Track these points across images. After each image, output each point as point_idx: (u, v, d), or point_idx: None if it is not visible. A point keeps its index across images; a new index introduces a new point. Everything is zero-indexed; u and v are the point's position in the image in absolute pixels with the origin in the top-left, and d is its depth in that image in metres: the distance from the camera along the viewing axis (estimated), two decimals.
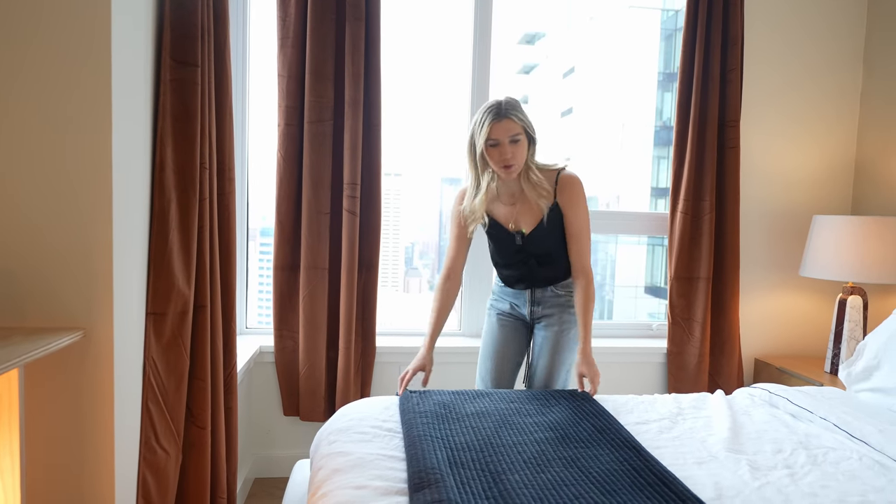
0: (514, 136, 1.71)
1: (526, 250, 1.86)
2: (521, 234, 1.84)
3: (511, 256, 1.89)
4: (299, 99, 2.31)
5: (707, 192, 2.52)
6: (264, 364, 2.46)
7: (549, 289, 1.92)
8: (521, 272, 1.90)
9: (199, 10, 1.58)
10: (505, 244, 1.89)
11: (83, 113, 1.35)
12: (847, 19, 2.67)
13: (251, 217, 2.61)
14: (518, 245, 1.86)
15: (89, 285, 1.38)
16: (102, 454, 1.41)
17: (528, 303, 1.95)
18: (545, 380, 1.94)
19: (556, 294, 1.92)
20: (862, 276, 2.27)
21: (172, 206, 1.56)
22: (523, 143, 1.73)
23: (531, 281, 1.91)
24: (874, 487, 1.33)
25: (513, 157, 1.72)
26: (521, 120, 1.72)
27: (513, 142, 1.71)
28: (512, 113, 1.70)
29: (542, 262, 1.88)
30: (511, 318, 2.00)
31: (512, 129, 1.70)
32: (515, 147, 1.72)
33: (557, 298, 1.92)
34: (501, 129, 1.69)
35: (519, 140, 1.72)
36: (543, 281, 1.91)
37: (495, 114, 1.69)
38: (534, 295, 1.94)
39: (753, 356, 2.72)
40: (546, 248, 1.86)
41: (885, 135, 2.57)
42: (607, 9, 2.89)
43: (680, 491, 1.24)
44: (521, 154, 1.74)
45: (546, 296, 1.93)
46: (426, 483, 1.24)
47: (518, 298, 1.97)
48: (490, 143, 1.72)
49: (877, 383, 1.88)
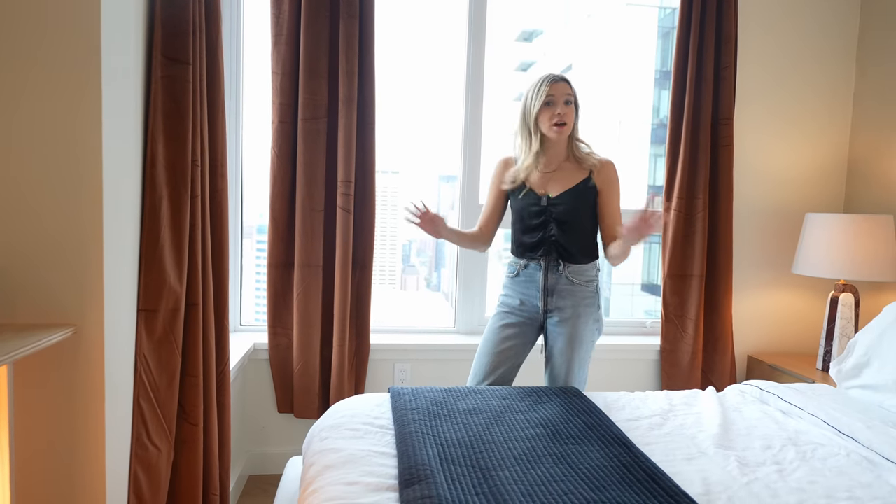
0: (568, 97, 1.88)
1: (549, 211, 1.92)
2: (548, 196, 1.92)
3: (533, 217, 1.94)
4: (293, 96, 2.31)
5: (700, 189, 2.52)
6: (258, 361, 2.47)
7: (564, 274, 1.91)
8: (541, 236, 1.93)
9: (190, 6, 1.58)
10: (530, 205, 1.94)
11: (73, 109, 1.35)
12: (840, 19, 2.68)
13: (246, 214, 2.61)
14: (543, 206, 1.92)
15: (80, 282, 1.38)
16: (93, 451, 1.41)
17: (541, 291, 1.93)
18: (564, 376, 1.92)
19: (570, 282, 1.92)
20: (853, 273, 2.29)
21: (164, 202, 1.56)
22: (573, 108, 1.90)
23: (547, 248, 1.92)
24: (861, 483, 1.34)
25: (565, 115, 1.87)
26: (573, 88, 1.91)
27: (566, 103, 1.87)
28: (567, 79, 1.90)
29: (562, 228, 1.91)
30: (520, 317, 1.97)
31: (566, 90, 1.88)
32: (568, 108, 1.87)
33: (571, 287, 1.92)
34: (558, 89, 1.86)
35: (571, 102, 1.89)
36: (559, 253, 1.92)
37: (552, 77, 1.88)
38: (547, 280, 1.92)
39: (746, 353, 2.73)
40: (568, 214, 1.91)
41: (877, 134, 2.58)
42: (605, 6, 2.89)
43: (668, 487, 1.25)
44: (572, 116, 1.90)
45: (560, 284, 1.92)
46: (416, 479, 1.25)
47: (529, 287, 1.96)
48: (546, 102, 1.86)
49: (866, 380, 1.89)
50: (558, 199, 1.91)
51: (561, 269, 1.92)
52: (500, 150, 2.72)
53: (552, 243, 1.92)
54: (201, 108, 1.69)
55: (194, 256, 1.68)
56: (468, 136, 2.61)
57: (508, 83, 2.96)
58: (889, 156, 2.52)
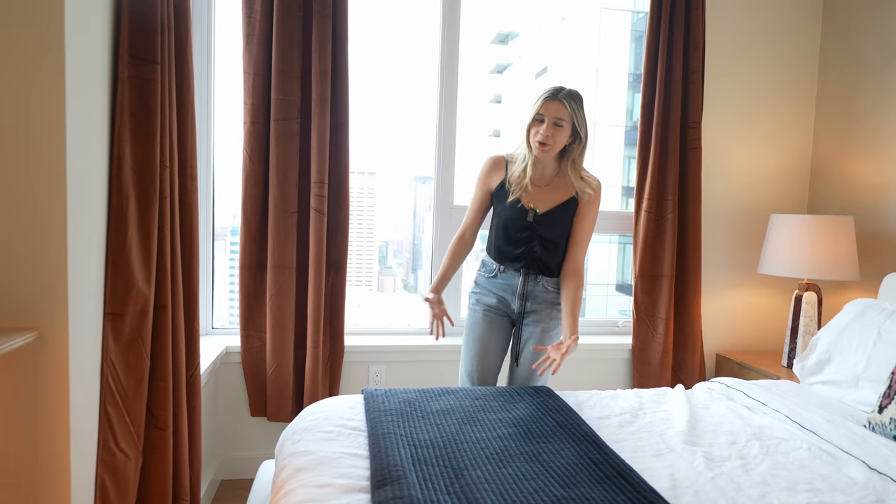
0: (559, 119, 1.80)
1: (534, 228, 1.90)
2: (535, 212, 1.89)
3: (519, 231, 1.92)
4: (265, 97, 2.29)
5: (670, 191, 2.58)
6: (231, 365, 2.44)
7: (541, 282, 1.94)
8: (523, 250, 1.92)
9: (158, 5, 1.56)
10: (517, 218, 1.91)
11: (36, 108, 1.32)
12: (803, 25, 2.76)
13: (219, 216, 2.57)
14: (528, 222, 1.90)
15: (43, 285, 1.35)
16: (57, 458, 1.38)
17: (518, 297, 1.95)
18: (527, 375, 1.96)
19: (546, 290, 1.94)
20: (816, 272, 2.36)
21: (131, 204, 1.53)
22: (565, 131, 1.83)
23: (528, 262, 1.93)
24: (821, 475, 1.38)
25: (549, 137, 1.81)
26: (573, 111, 1.81)
27: (556, 125, 1.81)
28: (566, 99, 1.81)
29: (546, 247, 1.92)
30: (497, 314, 2.00)
31: (559, 112, 1.80)
32: (556, 130, 1.81)
33: (546, 294, 1.95)
34: (550, 109, 1.80)
35: (562, 126, 1.81)
36: (538, 267, 1.93)
37: (552, 94, 1.82)
38: (525, 286, 1.94)
39: (715, 351, 2.79)
40: (553, 233, 1.91)
41: (838, 136, 2.67)
42: (579, 10, 2.93)
43: (636, 483, 1.27)
44: (560, 139, 1.83)
45: (536, 290, 1.94)
46: (388, 480, 1.25)
47: (506, 291, 1.97)
48: (537, 118, 1.82)
49: (827, 376, 1.95)
50: (544, 218, 1.90)
51: (538, 278, 1.95)
52: (475, 152, 2.75)
53: (534, 259, 1.93)
54: (170, 108, 1.66)
55: (163, 258, 1.65)
56: (442, 138, 2.62)
57: (484, 85, 2.98)
58: (850, 158, 2.60)
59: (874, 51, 2.49)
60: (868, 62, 2.51)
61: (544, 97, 1.82)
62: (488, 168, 1.99)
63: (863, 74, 2.54)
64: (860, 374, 1.84)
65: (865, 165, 2.52)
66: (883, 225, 2.42)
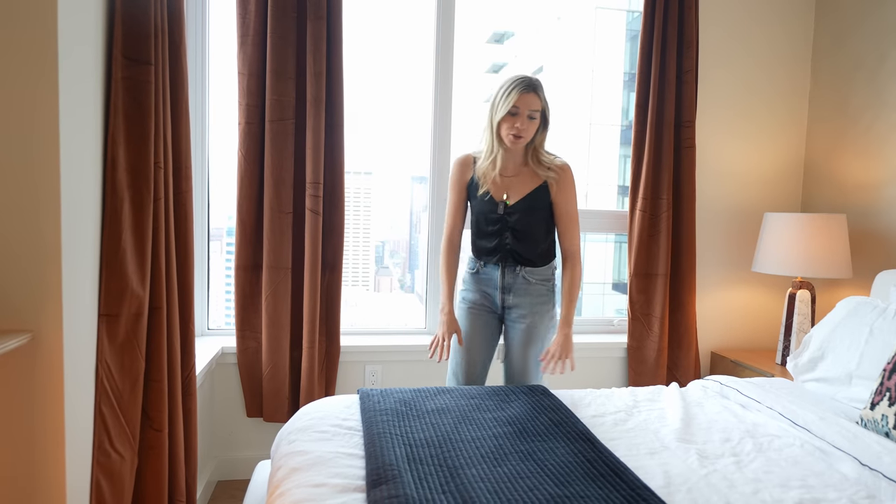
0: (533, 112, 1.81)
1: (505, 220, 1.92)
2: (505, 203, 1.90)
3: (491, 224, 1.94)
4: (260, 97, 2.29)
5: (664, 190, 2.59)
6: (227, 365, 2.44)
7: (520, 274, 1.95)
8: (496, 243, 1.94)
9: (151, 6, 1.56)
10: (488, 211, 1.94)
11: (29, 110, 1.32)
12: (795, 25, 2.77)
13: (215, 217, 2.57)
14: (499, 214, 1.91)
15: (37, 286, 1.34)
16: (52, 459, 1.38)
17: (500, 290, 1.97)
18: (519, 375, 1.97)
19: (527, 281, 1.95)
20: (810, 270, 2.37)
21: (125, 205, 1.53)
22: (537, 122, 1.84)
23: (503, 254, 1.95)
24: (814, 472, 1.39)
25: (524, 130, 1.81)
26: (543, 101, 1.84)
27: (530, 117, 1.81)
28: (539, 90, 1.82)
29: (517, 237, 1.93)
30: (482, 310, 2.01)
31: (534, 104, 1.81)
32: (530, 123, 1.82)
33: (528, 286, 1.95)
34: (526, 101, 1.79)
35: (535, 118, 1.82)
36: (515, 259, 1.95)
37: (526, 85, 1.79)
38: (504, 279, 1.96)
39: (710, 349, 2.81)
40: (525, 223, 1.92)
41: (831, 135, 2.68)
42: (574, 9, 2.94)
43: (630, 480, 1.28)
44: (532, 130, 1.84)
45: (517, 282, 1.95)
46: (383, 479, 1.26)
47: (488, 285, 1.99)
48: (511, 111, 1.80)
49: (821, 373, 1.96)
50: (514, 208, 1.91)
51: (518, 269, 1.96)
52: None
53: (508, 250, 1.95)
54: (164, 109, 1.66)
55: (158, 260, 1.65)
56: (437, 138, 2.62)
57: (480, 84, 2.98)
58: (842, 157, 2.62)
59: (866, 49, 2.50)
60: (860, 60, 2.53)
61: (518, 90, 1.77)
62: (458, 168, 2.00)
63: (855, 72, 2.55)
64: (853, 372, 1.85)
65: (858, 164, 2.53)
66: (875, 223, 2.44)
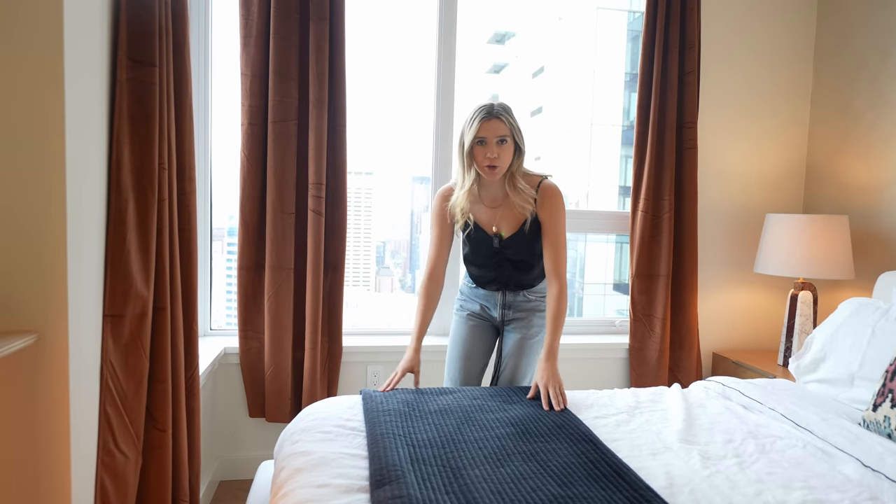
0: (502, 137, 1.74)
1: (503, 253, 1.88)
2: (500, 237, 1.86)
3: (488, 258, 1.90)
4: (263, 98, 2.29)
5: (666, 191, 2.59)
6: (229, 366, 2.44)
7: (521, 293, 1.96)
8: (495, 274, 1.93)
9: (156, 7, 1.56)
10: (483, 246, 1.89)
11: (35, 112, 1.33)
12: (797, 25, 2.77)
13: (217, 217, 2.58)
14: (496, 248, 1.88)
15: (43, 287, 1.35)
16: (57, 459, 1.39)
17: (500, 306, 1.97)
18: (511, 377, 1.98)
19: (528, 299, 1.96)
20: (812, 272, 2.37)
21: (130, 206, 1.54)
22: (509, 147, 1.76)
23: (504, 283, 1.94)
24: (816, 473, 1.40)
25: (497, 159, 1.74)
26: (511, 124, 1.76)
27: (500, 143, 1.74)
28: (503, 115, 1.75)
29: (517, 267, 1.90)
30: (480, 319, 2.02)
31: (500, 130, 1.74)
32: (501, 149, 1.75)
33: (528, 303, 1.96)
34: (490, 128, 1.73)
35: (506, 142, 1.75)
36: (516, 285, 1.95)
37: (486, 112, 1.73)
38: (505, 298, 1.96)
39: (711, 350, 2.81)
40: (523, 253, 1.88)
41: (833, 136, 2.68)
42: (576, 10, 2.94)
43: (633, 481, 1.28)
44: (507, 157, 1.76)
45: (518, 300, 1.96)
46: (387, 480, 1.26)
47: (489, 301, 1.99)
48: (478, 141, 1.75)
49: (823, 375, 1.96)
50: (510, 242, 1.86)
51: (518, 292, 1.97)
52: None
53: (508, 279, 1.93)
54: (168, 110, 1.67)
55: (162, 260, 1.66)
56: (439, 138, 2.63)
57: (481, 85, 2.98)
58: (844, 158, 2.62)
59: (870, 49, 2.50)
60: (863, 60, 2.53)
61: (480, 118, 1.72)
62: (441, 201, 1.91)
63: (858, 73, 2.55)
64: (855, 373, 1.85)
65: (860, 165, 2.53)
66: (877, 224, 2.44)
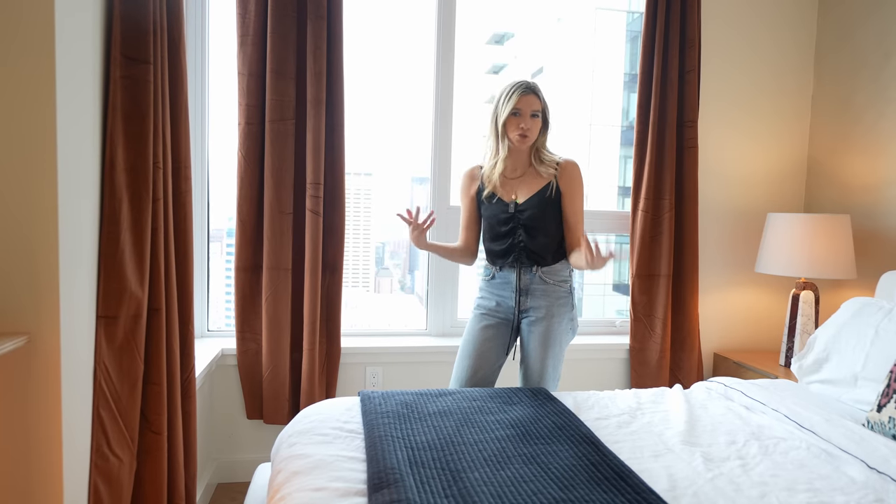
0: (535, 111, 1.91)
1: (517, 218, 1.94)
2: (515, 202, 1.95)
3: (502, 224, 1.96)
4: (260, 97, 2.28)
5: (667, 191, 2.57)
6: (226, 367, 2.42)
7: (537, 274, 1.94)
8: (509, 243, 1.96)
9: (150, 4, 1.55)
10: (499, 212, 1.97)
11: (26, 109, 1.31)
12: (798, 25, 2.76)
13: (216, 218, 2.56)
14: (511, 213, 1.95)
15: (34, 288, 1.33)
16: (49, 463, 1.36)
17: (516, 292, 1.96)
18: (538, 376, 1.94)
19: (544, 281, 1.95)
20: (813, 271, 2.35)
21: (124, 206, 1.52)
22: (539, 121, 1.94)
23: (517, 254, 1.95)
24: (820, 475, 1.38)
25: (529, 129, 1.90)
26: (543, 102, 1.95)
27: (533, 116, 1.90)
28: (539, 92, 1.93)
29: (530, 234, 1.94)
30: (496, 318, 2.00)
31: (534, 104, 1.91)
32: (533, 122, 1.91)
33: (545, 286, 1.95)
34: (527, 102, 1.89)
35: (537, 117, 1.92)
36: (530, 257, 1.94)
37: (525, 88, 1.90)
38: (520, 281, 1.95)
39: (712, 351, 2.79)
40: (536, 220, 1.93)
41: (834, 135, 2.67)
42: (575, 10, 2.93)
43: (635, 484, 1.26)
44: (536, 129, 1.94)
45: (533, 283, 1.95)
46: (385, 483, 1.24)
47: (505, 290, 1.98)
48: (513, 113, 1.89)
49: (825, 375, 1.95)
50: (525, 205, 1.94)
51: (534, 270, 1.95)
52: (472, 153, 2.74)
53: (521, 249, 1.95)
54: (163, 109, 1.65)
55: (157, 261, 1.64)
56: (438, 139, 2.61)
57: (480, 85, 2.96)
58: (845, 157, 2.60)
59: (870, 47, 2.49)
60: (864, 58, 2.52)
61: (519, 92, 1.89)
62: (466, 180, 2.08)
63: (859, 71, 2.54)
64: (858, 373, 1.83)
65: (861, 163, 2.52)
66: (879, 223, 2.42)
